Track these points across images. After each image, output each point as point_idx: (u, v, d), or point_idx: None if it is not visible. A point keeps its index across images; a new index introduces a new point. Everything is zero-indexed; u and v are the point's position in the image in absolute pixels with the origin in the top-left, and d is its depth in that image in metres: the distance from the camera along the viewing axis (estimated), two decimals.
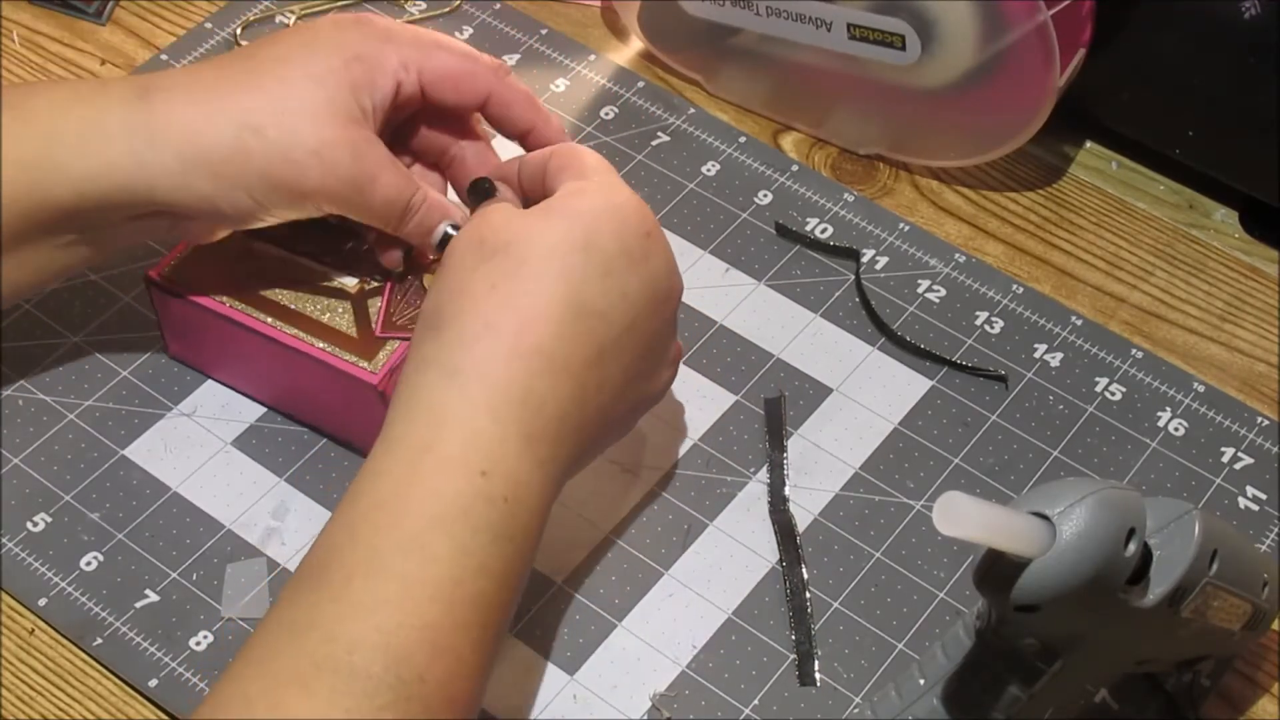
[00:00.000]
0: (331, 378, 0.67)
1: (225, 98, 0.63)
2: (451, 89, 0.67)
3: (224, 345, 0.70)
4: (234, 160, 0.62)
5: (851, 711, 0.64)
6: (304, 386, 0.70)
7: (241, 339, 0.69)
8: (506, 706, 0.64)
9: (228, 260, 0.70)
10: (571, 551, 0.68)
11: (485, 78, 0.67)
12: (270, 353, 0.68)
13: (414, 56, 0.65)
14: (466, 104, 0.67)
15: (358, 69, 0.64)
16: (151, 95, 0.63)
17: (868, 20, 0.77)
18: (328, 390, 0.68)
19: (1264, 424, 0.73)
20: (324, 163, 0.63)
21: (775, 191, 0.81)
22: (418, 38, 0.66)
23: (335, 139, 0.63)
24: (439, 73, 0.66)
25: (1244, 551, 0.59)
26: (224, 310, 0.68)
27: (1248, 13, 0.74)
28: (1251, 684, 0.66)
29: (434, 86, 0.66)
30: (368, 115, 0.64)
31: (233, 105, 0.63)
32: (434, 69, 0.66)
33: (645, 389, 0.63)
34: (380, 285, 0.69)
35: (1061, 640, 0.55)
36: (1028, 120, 0.78)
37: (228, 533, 0.68)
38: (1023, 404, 0.73)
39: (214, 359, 0.72)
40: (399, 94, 0.65)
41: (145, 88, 0.64)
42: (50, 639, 0.65)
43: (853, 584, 0.67)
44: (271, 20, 0.87)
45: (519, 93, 0.68)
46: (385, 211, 0.65)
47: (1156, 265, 0.79)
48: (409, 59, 0.65)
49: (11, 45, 0.86)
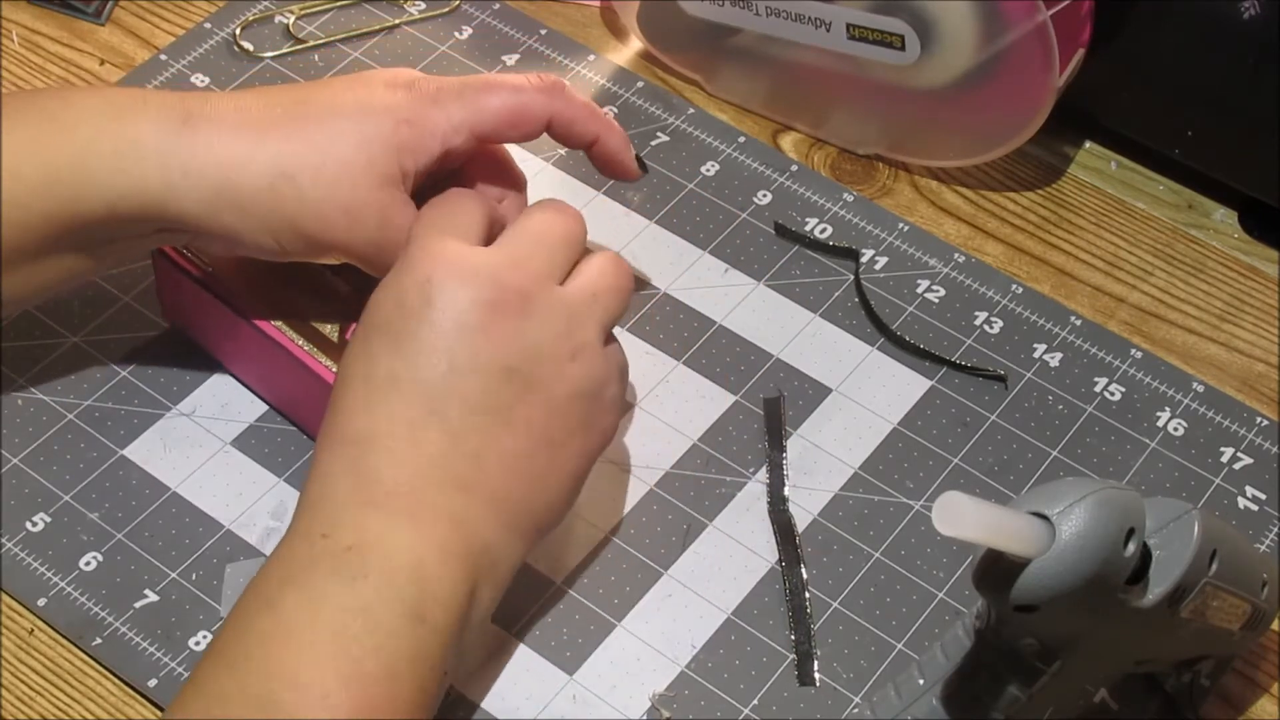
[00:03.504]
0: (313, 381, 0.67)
1: (267, 138, 0.63)
2: (509, 128, 0.66)
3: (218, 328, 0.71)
4: (264, 203, 0.63)
5: (851, 711, 0.64)
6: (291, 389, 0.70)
7: (238, 328, 0.69)
8: (505, 706, 0.64)
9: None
10: (570, 551, 0.68)
11: (541, 105, 0.67)
12: (261, 347, 0.69)
13: (462, 116, 0.65)
14: (529, 136, 0.67)
15: (405, 133, 0.64)
16: (195, 123, 0.63)
17: (867, 20, 0.77)
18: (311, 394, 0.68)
19: (1263, 424, 0.73)
20: (352, 223, 0.63)
21: (774, 191, 0.81)
22: (464, 92, 0.66)
23: (367, 202, 0.63)
24: (493, 121, 0.66)
25: (1243, 551, 0.59)
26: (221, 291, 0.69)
27: (1247, 13, 0.74)
28: (1251, 684, 0.66)
29: (491, 134, 0.66)
30: (407, 178, 0.64)
31: (274, 148, 0.63)
32: (485, 119, 0.66)
33: (544, 399, 0.60)
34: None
35: (1061, 640, 0.55)
36: (1027, 120, 0.78)
37: (227, 533, 0.68)
38: (1022, 404, 0.73)
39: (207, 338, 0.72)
40: (446, 155, 0.65)
41: (189, 114, 0.63)
42: (50, 639, 0.65)
43: (852, 584, 0.67)
44: (271, 20, 0.87)
45: (579, 108, 0.68)
46: None
47: (1156, 265, 0.80)
48: (458, 120, 0.65)
49: (11, 45, 0.86)
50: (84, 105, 0.64)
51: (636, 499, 0.70)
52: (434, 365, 0.59)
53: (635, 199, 0.80)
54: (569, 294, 0.62)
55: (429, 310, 0.59)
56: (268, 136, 0.63)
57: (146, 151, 0.63)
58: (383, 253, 0.64)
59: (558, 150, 0.81)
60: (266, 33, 0.86)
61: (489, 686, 0.64)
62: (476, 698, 0.64)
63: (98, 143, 0.63)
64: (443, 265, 0.60)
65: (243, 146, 0.63)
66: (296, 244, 0.64)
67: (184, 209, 0.63)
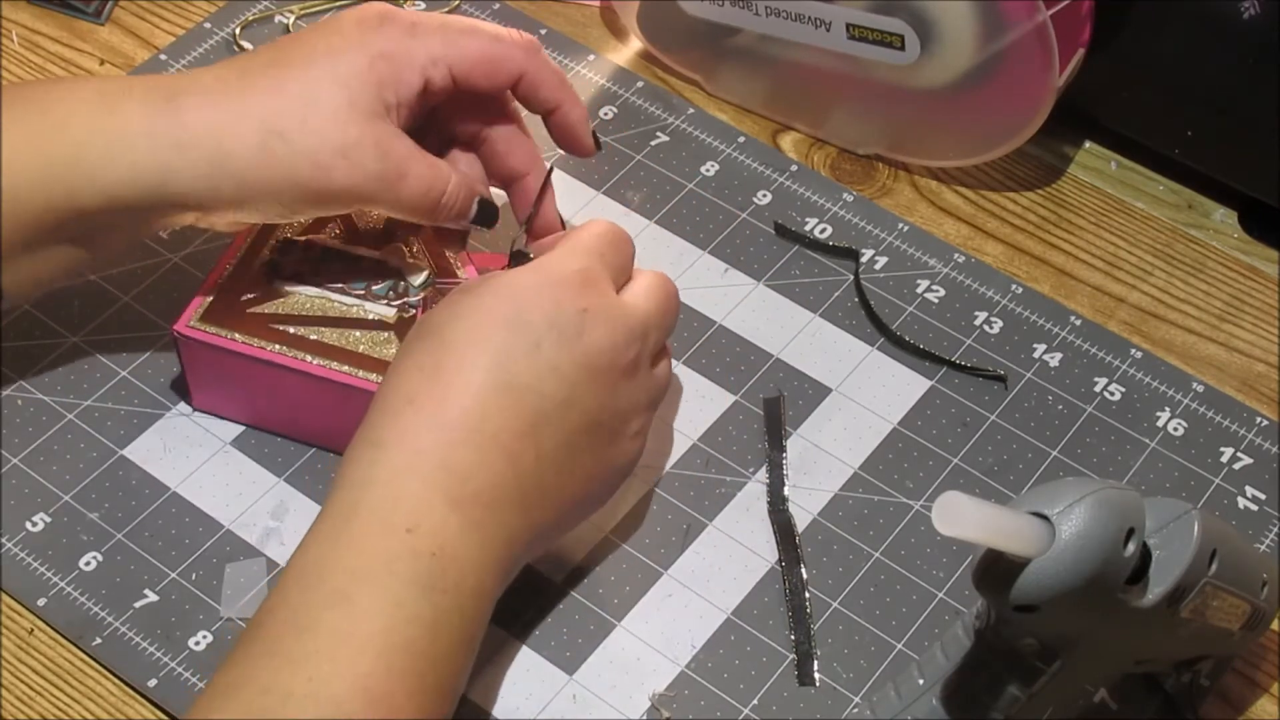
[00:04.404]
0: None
1: (248, 101, 0.63)
2: (483, 75, 0.67)
3: (264, 390, 0.69)
4: (260, 165, 0.63)
5: (851, 711, 0.64)
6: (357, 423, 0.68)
7: (287, 382, 0.67)
8: (506, 706, 0.64)
9: (252, 304, 0.69)
10: (570, 551, 0.68)
11: (516, 59, 0.67)
12: (319, 393, 0.67)
13: (441, 50, 0.65)
14: (499, 87, 0.67)
15: (383, 67, 0.64)
16: (178, 100, 0.63)
17: (867, 20, 0.77)
18: None
19: (1263, 424, 0.73)
20: (351, 162, 0.63)
21: (774, 191, 0.81)
22: (445, 27, 0.66)
23: (360, 138, 0.63)
24: (469, 61, 0.66)
25: (1243, 551, 0.59)
26: (264, 355, 0.67)
27: (1247, 13, 0.74)
28: (1251, 684, 0.66)
29: (465, 75, 0.66)
30: (392, 111, 0.64)
31: (256, 109, 0.63)
32: (463, 59, 0.66)
33: (603, 462, 0.62)
34: (416, 311, 0.69)
35: (1061, 640, 0.55)
36: (1027, 120, 0.78)
37: (227, 533, 0.68)
38: (1022, 404, 0.73)
39: (250, 406, 0.70)
40: (427, 88, 0.65)
41: (171, 92, 0.63)
42: (49, 639, 0.65)
43: (852, 584, 0.67)
44: (271, 20, 0.87)
45: (549, 72, 0.68)
46: (417, 203, 0.65)
47: (1155, 265, 0.80)
48: (437, 53, 0.65)
49: (11, 45, 0.86)
50: (75, 98, 0.64)
51: (636, 499, 0.70)
52: (557, 391, 0.59)
53: (635, 199, 0.80)
54: (657, 375, 0.64)
55: (579, 342, 0.60)
56: (249, 97, 0.63)
57: (137, 134, 0.63)
58: (390, 187, 0.64)
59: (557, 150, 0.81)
60: (266, 33, 0.86)
61: (489, 686, 0.64)
62: (476, 697, 0.64)
63: (92, 134, 0.63)
64: (601, 305, 0.61)
65: (227, 112, 0.63)
66: (300, 200, 0.64)
67: (182, 187, 0.63)
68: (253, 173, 0.63)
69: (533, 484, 0.59)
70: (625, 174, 0.81)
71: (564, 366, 0.59)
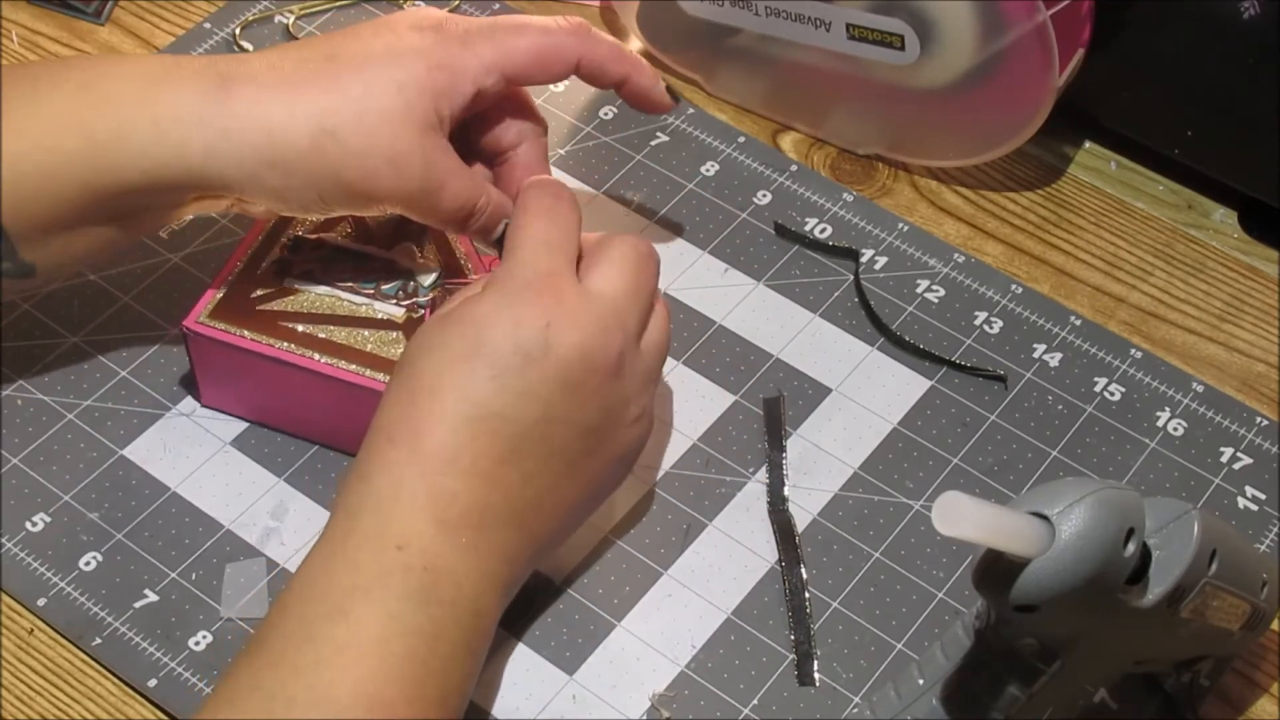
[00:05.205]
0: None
1: (304, 95, 0.62)
2: (539, 70, 0.66)
3: (272, 387, 0.69)
4: (308, 160, 0.62)
5: (851, 711, 0.64)
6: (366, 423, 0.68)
7: (295, 379, 0.67)
8: (505, 706, 0.64)
9: (262, 301, 0.69)
10: (570, 551, 0.68)
11: (570, 47, 0.67)
12: (327, 391, 0.67)
13: (494, 57, 0.65)
14: (557, 77, 0.67)
15: (440, 78, 0.64)
16: (231, 86, 0.63)
17: (867, 20, 0.77)
18: None
19: (1263, 424, 0.73)
20: (398, 171, 0.63)
21: (774, 191, 0.81)
22: (495, 32, 0.65)
23: (410, 150, 0.63)
24: (522, 62, 0.66)
25: (1243, 551, 0.59)
26: (273, 352, 0.67)
27: (1247, 13, 0.74)
28: (1250, 684, 0.66)
29: (520, 74, 0.66)
30: (444, 122, 0.64)
31: (312, 104, 0.62)
32: (516, 60, 0.65)
33: (604, 459, 0.62)
34: (425, 311, 0.69)
35: (1060, 640, 0.55)
36: (1027, 120, 0.78)
37: (227, 533, 0.68)
38: (1022, 404, 0.73)
39: (258, 403, 0.70)
40: (477, 97, 0.65)
41: (225, 77, 0.63)
42: (49, 639, 0.65)
43: (852, 584, 0.67)
44: (271, 20, 0.87)
45: (608, 48, 0.68)
46: (452, 216, 0.65)
47: (1155, 265, 0.80)
48: (489, 61, 0.65)
49: (11, 45, 0.86)
50: (119, 74, 0.63)
51: (636, 499, 0.70)
52: (531, 411, 0.59)
53: (635, 199, 0.80)
54: (649, 348, 0.63)
55: (547, 360, 0.59)
56: (304, 92, 0.63)
57: (187, 118, 0.62)
58: (429, 198, 0.64)
59: (557, 150, 0.81)
60: (266, 33, 0.86)
61: (489, 686, 0.64)
62: (476, 697, 0.64)
63: (136, 112, 0.62)
64: (565, 312, 0.60)
65: (281, 105, 0.62)
66: (341, 197, 0.64)
67: (225, 173, 0.63)
68: (299, 166, 0.62)
69: (525, 502, 0.59)
70: (625, 174, 0.81)
71: (536, 388, 0.59)
